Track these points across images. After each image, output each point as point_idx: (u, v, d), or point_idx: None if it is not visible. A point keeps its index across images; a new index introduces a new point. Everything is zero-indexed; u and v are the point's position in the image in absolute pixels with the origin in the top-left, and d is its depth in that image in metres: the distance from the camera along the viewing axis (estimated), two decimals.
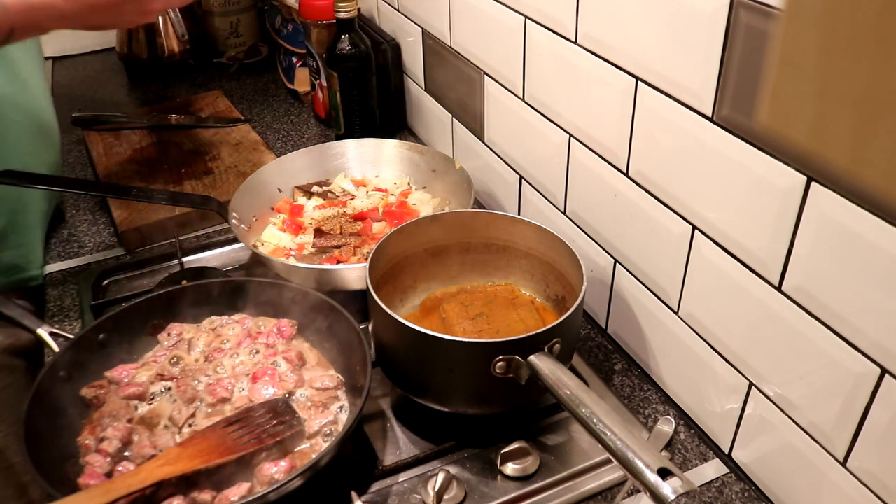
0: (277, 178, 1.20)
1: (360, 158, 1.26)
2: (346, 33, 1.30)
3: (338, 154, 1.25)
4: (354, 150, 1.26)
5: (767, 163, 0.67)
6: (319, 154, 1.25)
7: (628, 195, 0.88)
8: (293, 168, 1.22)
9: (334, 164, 1.25)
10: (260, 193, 1.16)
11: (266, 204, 1.17)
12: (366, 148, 1.26)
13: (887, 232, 0.58)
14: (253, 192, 1.15)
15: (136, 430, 0.80)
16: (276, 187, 1.19)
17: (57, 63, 1.96)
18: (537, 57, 0.98)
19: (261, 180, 1.17)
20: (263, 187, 1.17)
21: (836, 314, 0.64)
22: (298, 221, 1.14)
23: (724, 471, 0.83)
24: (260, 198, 1.16)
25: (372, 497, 0.80)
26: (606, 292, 0.98)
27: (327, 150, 1.25)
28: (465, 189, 1.11)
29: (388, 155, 1.25)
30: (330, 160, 1.25)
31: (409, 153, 1.24)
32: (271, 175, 1.19)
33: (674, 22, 0.73)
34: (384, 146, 1.25)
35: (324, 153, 1.25)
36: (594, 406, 0.68)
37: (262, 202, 1.16)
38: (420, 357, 0.81)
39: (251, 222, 1.12)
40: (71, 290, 1.12)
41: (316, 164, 1.24)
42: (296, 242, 1.10)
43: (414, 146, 1.24)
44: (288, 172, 1.21)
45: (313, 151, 1.25)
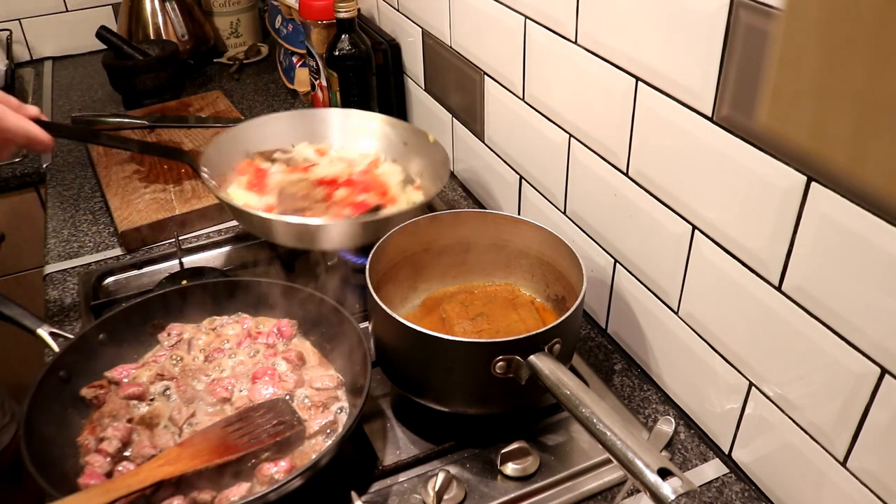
0: (249, 140, 1.19)
1: (339, 128, 1.24)
2: (346, 33, 1.30)
3: (314, 121, 1.24)
4: (339, 120, 1.24)
5: (767, 163, 0.67)
6: (297, 120, 1.23)
7: (628, 195, 0.88)
8: (266, 132, 1.20)
9: (307, 132, 1.23)
10: (230, 153, 1.15)
11: (236, 163, 1.16)
12: (346, 118, 1.24)
13: (887, 232, 0.58)
14: (224, 151, 1.14)
15: (136, 430, 0.79)
16: (247, 149, 1.18)
17: (57, 63, 1.97)
18: (537, 57, 0.98)
19: (232, 139, 1.17)
20: (234, 147, 1.16)
21: (836, 314, 0.64)
22: (263, 183, 1.13)
23: (724, 471, 0.83)
24: (230, 157, 1.15)
25: (372, 497, 0.80)
26: (606, 292, 0.98)
27: (302, 118, 1.24)
28: (441, 163, 1.09)
29: (363, 126, 1.23)
30: (304, 127, 1.23)
31: (383, 127, 1.22)
32: (243, 136, 1.18)
33: (674, 22, 0.73)
34: (360, 118, 1.24)
35: (301, 119, 1.23)
36: (594, 406, 0.68)
37: (231, 161, 1.15)
38: (420, 357, 0.81)
39: (221, 179, 1.11)
40: (71, 290, 1.12)
41: (290, 130, 1.22)
42: (263, 202, 1.09)
43: (388, 119, 1.22)
44: (260, 136, 1.20)
45: (293, 117, 1.23)
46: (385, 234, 0.92)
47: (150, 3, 1.81)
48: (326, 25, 1.39)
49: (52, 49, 1.99)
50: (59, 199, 1.35)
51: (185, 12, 1.83)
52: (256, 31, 1.99)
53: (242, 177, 1.15)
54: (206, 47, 1.88)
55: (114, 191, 1.29)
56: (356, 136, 1.23)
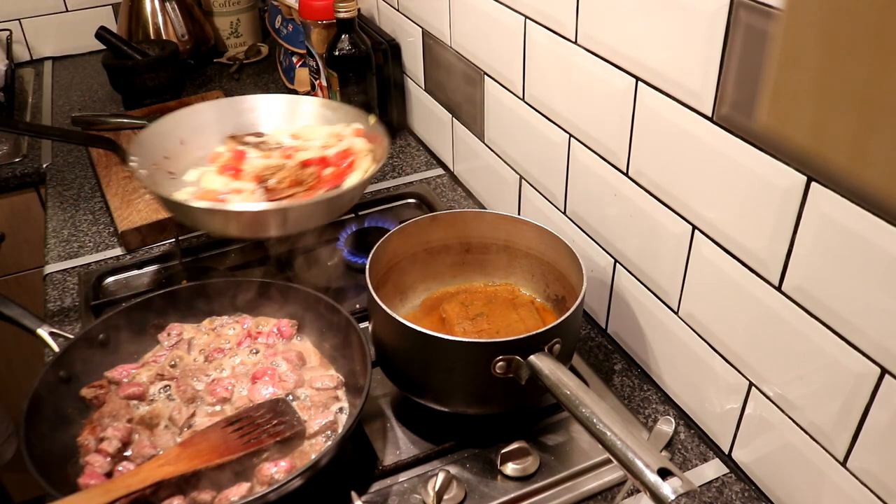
0: (182, 128, 1.16)
1: (273, 114, 1.21)
2: (346, 33, 1.30)
3: (248, 109, 1.21)
4: (266, 106, 1.21)
5: (767, 163, 0.67)
6: (229, 108, 1.20)
7: (628, 195, 0.88)
8: (200, 120, 1.18)
9: (244, 119, 1.20)
10: (162, 142, 1.12)
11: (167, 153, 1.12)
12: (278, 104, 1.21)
13: (887, 232, 0.58)
14: (154, 141, 1.11)
15: (136, 430, 0.80)
16: (179, 138, 1.15)
17: (57, 63, 1.97)
18: (537, 57, 0.98)
19: (164, 129, 1.14)
20: (165, 137, 1.13)
21: (836, 314, 0.64)
22: (239, 167, 1.10)
23: (724, 471, 0.83)
24: (161, 147, 1.12)
25: (372, 497, 0.80)
26: (606, 292, 0.98)
27: (237, 105, 1.21)
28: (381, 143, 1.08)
29: (302, 112, 1.20)
30: (240, 115, 1.20)
31: (322, 110, 1.19)
32: (175, 125, 1.15)
33: (674, 22, 0.73)
34: (297, 102, 1.21)
35: (234, 108, 1.21)
36: (594, 406, 0.68)
37: (162, 151, 1.12)
38: (420, 357, 0.81)
39: (151, 169, 1.08)
40: (71, 290, 1.12)
41: (225, 118, 1.19)
42: (230, 188, 1.05)
43: (327, 103, 1.20)
44: (193, 124, 1.17)
45: (222, 105, 1.21)
46: (388, 230, 0.92)
47: (150, 3, 1.81)
48: (326, 25, 1.39)
49: (52, 49, 1.99)
50: (59, 199, 1.35)
51: (185, 12, 1.83)
52: (256, 31, 1.99)
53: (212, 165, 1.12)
54: (206, 47, 1.88)
55: (114, 191, 1.29)
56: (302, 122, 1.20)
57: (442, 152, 1.40)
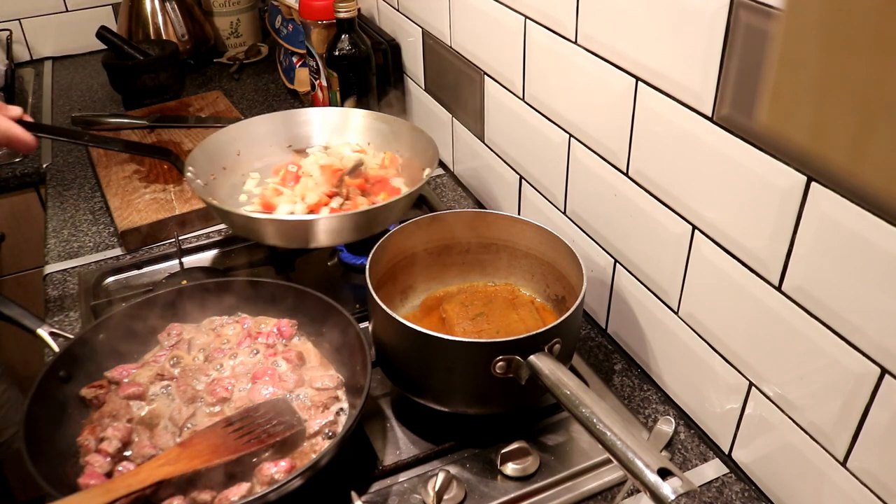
0: (239, 141, 1.20)
1: (325, 126, 1.25)
2: (346, 33, 1.30)
3: (303, 122, 1.25)
4: (320, 119, 1.25)
5: (767, 163, 0.67)
6: (283, 121, 1.24)
7: (628, 195, 0.88)
8: (256, 132, 1.21)
9: (298, 132, 1.24)
10: (219, 154, 1.16)
11: (223, 164, 1.17)
12: (331, 116, 1.25)
13: (887, 232, 0.58)
14: (212, 152, 1.15)
15: (136, 430, 0.79)
16: (236, 150, 1.19)
17: (57, 63, 1.97)
18: (537, 57, 0.98)
19: (222, 141, 1.17)
20: (224, 148, 1.17)
21: (836, 314, 0.64)
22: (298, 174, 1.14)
23: (724, 471, 0.83)
24: (218, 158, 1.16)
25: (372, 497, 0.80)
26: (606, 292, 0.98)
27: (292, 118, 1.25)
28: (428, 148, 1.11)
29: (354, 124, 1.24)
30: (294, 127, 1.24)
31: (372, 122, 1.23)
32: (233, 137, 1.19)
33: (674, 22, 0.73)
34: (350, 115, 1.25)
35: (288, 120, 1.24)
36: (594, 406, 0.68)
37: (220, 162, 1.16)
38: (420, 357, 0.81)
39: (207, 180, 1.12)
40: (71, 290, 1.12)
41: (280, 129, 1.23)
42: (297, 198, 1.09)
43: (380, 116, 1.23)
44: (250, 136, 1.21)
45: (276, 118, 1.24)
46: (388, 230, 0.92)
47: (150, 3, 1.81)
48: (326, 25, 1.39)
49: (52, 49, 1.99)
50: (59, 199, 1.35)
51: (185, 12, 1.83)
52: (256, 31, 1.99)
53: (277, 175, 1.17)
54: (206, 47, 1.88)
55: (114, 191, 1.29)
56: (353, 134, 1.23)
57: (442, 152, 1.40)
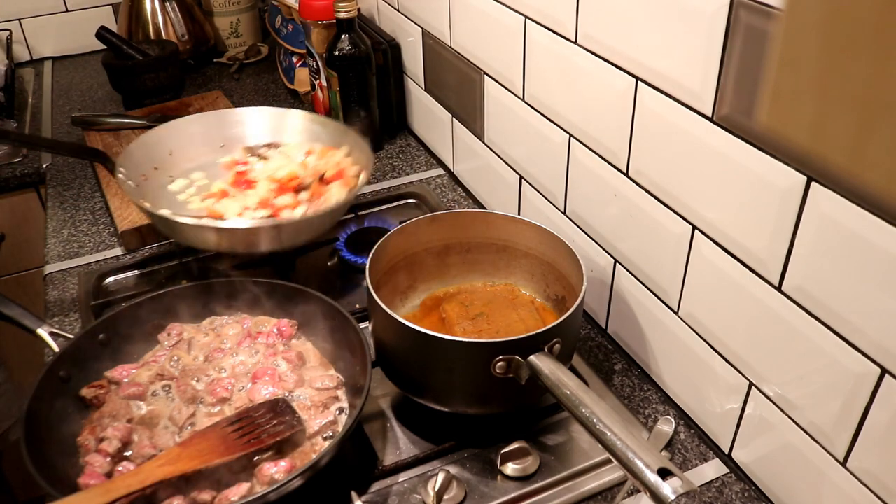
0: (171, 140, 1.17)
1: (260, 126, 1.22)
2: (346, 33, 1.30)
3: (235, 122, 1.23)
4: (254, 119, 1.22)
5: (767, 163, 0.67)
6: (217, 121, 1.22)
7: (628, 195, 0.88)
8: (188, 132, 1.19)
9: (233, 132, 1.22)
10: (150, 154, 1.14)
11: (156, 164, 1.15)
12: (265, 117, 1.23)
13: (887, 232, 0.58)
14: (143, 152, 1.13)
15: (136, 430, 0.79)
16: (169, 150, 1.17)
17: (57, 63, 1.97)
18: (537, 57, 0.98)
19: (153, 141, 1.16)
20: (155, 148, 1.15)
21: (836, 314, 0.64)
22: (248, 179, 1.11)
23: (724, 471, 0.83)
24: (149, 158, 1.14)
25: (372, 497, 0.80)
26: (606, 292, 0.98)
27: (224, 118, 1.23)
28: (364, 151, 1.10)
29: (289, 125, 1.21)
30: (228, 127, 1.22)
31: (309, 124, 1.20)
32: (165, 137, 1.17)
33: (674, 22, 0.73)
34: (284, 116, 1.22)
35: (221, 120, 1.22)
36: (594, 406, 0.68)
37: (151, 163, 1.14)
38: (420, 357, 0.81)
39: (139, 180, 1.10)
40: (71, 290, 1.12)
41: (213, 130, 1.21)
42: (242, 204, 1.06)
43: (315, 117, 1.21)
44: (183, 136, 1.18)
45: (209, 117, 1.22)
46: (388, 230, 0.92)
47: (150, 3, 1.81)
48: (326, 25, 1.39)
49: (52, 49, 1.99)
50: (59, 199, 1.35)
51: (185, 12, 1.83)
52: (256, 31, 1.99)
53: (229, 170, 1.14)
54: (206, 47, 1.88)
55: (114, 191, 1.29)
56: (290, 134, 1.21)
57: (442, 152, 1.40)
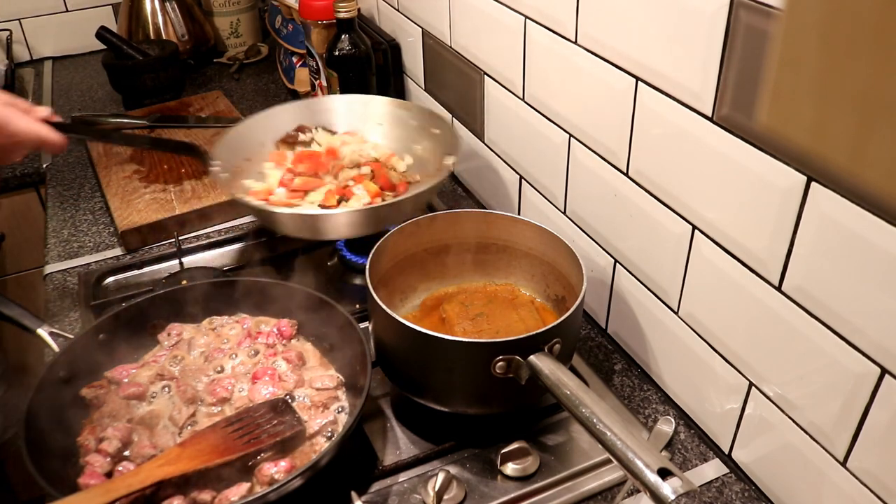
0: (262, 131, 1.19)
1: (348, 114, 1.23)
2: (346, 33, 1.30)
3: (325, 109, 1.23)
4: (344, 106, 1.23)
5: (767, 163, 0.67)
6: (306, 109, 1.23)
7: (628, 195, 0.88)
8: (278, 122, 1.20)
9: (320, 119, 1.22)
10: (243, 145, 1.15)
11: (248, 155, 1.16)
12: (353, 103, 1.24)
13: (887, 232, 0.58)
14: (236, 144, 1.14)
15: (136, 430, 0.79)
16: (260, 141, 1.18)
17: (57, 63, 1.97)
18: (537, 57, 0.98)
19: (245, 133, 1.17)
20: (247, 140, 1.16)
21: (836, 314, 0.64)
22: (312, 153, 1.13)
23: (724, 471, 0.83)
24: (242, 150, 1.15)
25: (372, 497, 0.80)
26: (606, 292, 0.98)
27: (314, 106, 1.24)
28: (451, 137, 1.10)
29: (374, 111, 1.22)
30: (317, 115, 1.23)
31: (393, 109, 1.21)
32: (256, 128, 1.18)
33: (674, 22, 0.73)
34: (369, 102, 1.23)
35: (310, 108, 1.23)
36: (594, 406, 0.68)
37: (243, 154, 1.15)
38: (420, 357, 0.81)
39: (232, 171, 1.11)
40: (71, 290, 1.12)
41: (302, 118, 1.22)
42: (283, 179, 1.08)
43: (402, 103, 1.21)
44: (273, 126, 1.20)
45: (299, 106, 1.23)
46: (387, 230, 0.92)
47: (150, 3, 1.81)
48: (326, 25, 1.39)
49: (52, 49, 1.99)
50: (59, 199, 1.35)
51: (185, 12, 1.83)
52: (256, 31, 1.99)
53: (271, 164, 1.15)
54: (206, 47, 1.88)
55: (114, 191, 1.29)
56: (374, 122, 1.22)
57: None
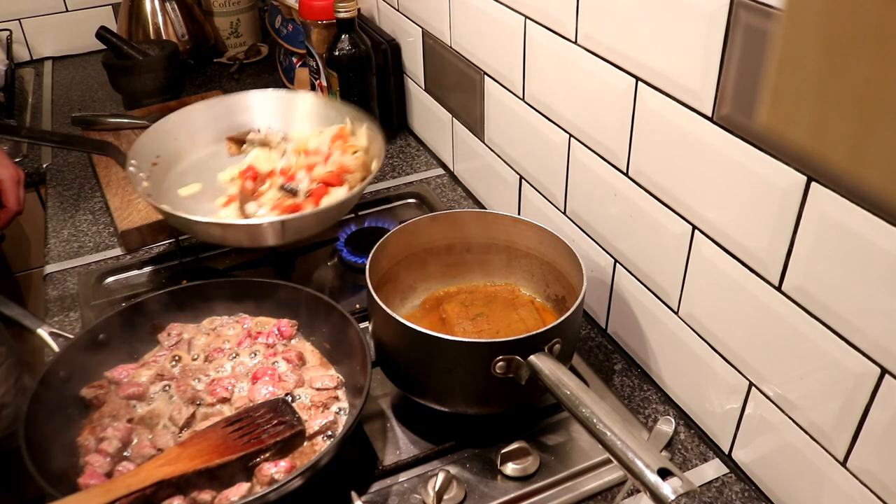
0: (181, 129, 1.16)
1: (268, 112, 1.20)
2: (346, 33, 1.30)
3: (243, 107, 1.20)
4: (261, 104, 1.20)
5: (767, 163, 0.67)
6: (223, 107, 1.20)
7: (628, 195, 0.88)
8: (198, 120, 1.17)
9: (242, 118, 1.20)
10: (161, 144, 1.13)
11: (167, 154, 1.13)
12: (273, 101, 1.21)
13: (887, 232, 0.58)
14: (154, 143, 1.12)
15: (136, 430, 0.80)
16: (178, 141, 1.16)
17: (57, 63, 1.97)
18: (537, 57, 0.98)
19: (163, 131, 1.14)
20: (165, 138, 1.14)
21: (836, 314, 0.64)
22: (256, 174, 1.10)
23: (724, 471, 0.83)
24: (160, 149, 1.13)
25: (372, 497, 0.80)
26: (606, 292, 0.98)
27: (232, 103, 1.20)
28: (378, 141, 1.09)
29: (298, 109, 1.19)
30: (238, 114, 1.20)
31: (318, 108, 1.18)
32: (174, 126, 1.16)
33: (674, 22, 0.73)
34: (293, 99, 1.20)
35: (228, 106, 1.20)
36: (594, 406, 0.68)
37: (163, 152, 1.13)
38: (420, 357, 0.81)
39: (150, 172, 1.09)
40: (71, 290, 1.12)
41: (222, 116, 1.19)
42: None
43: (327, 101, 1.19)
44: (192, 125, 1.17)
45: (216, 104, 1.20)
46: (388, 230, 0.92)
47: (150, 3, 1.81)
48: (326, 25, 1.39)
49: (52, 49, 1.99)
50: (59, 199, 1.35)
51: (185, 12, 1.83)
52: (256, 31, 1.99)
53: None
54: (206, 47, 1.88)
55: (114, 191, 1.29)
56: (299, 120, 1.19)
57: (442, 152, 1.40)
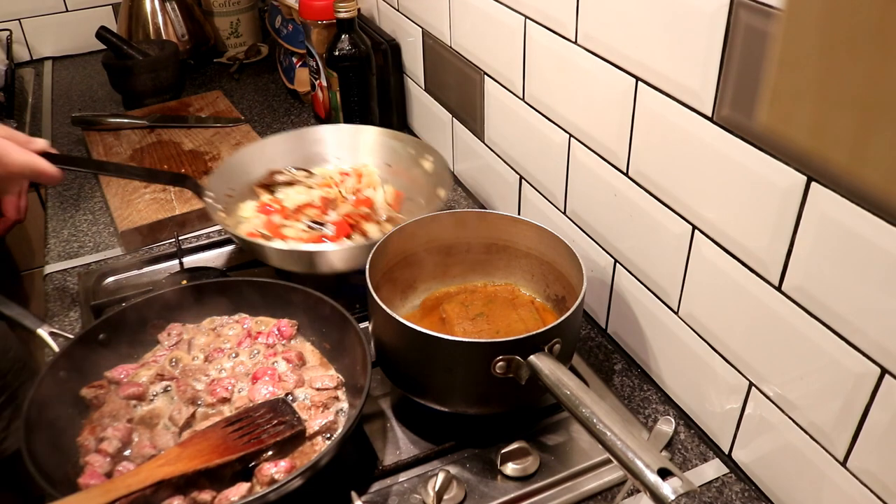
0: (256, 160, 1.19)
1: (339, 144, 1.25)
2: (346, 33, 1.30)
3: (315, 140, 1.25)
4: (333, 136, 1.25)
5: (767, 163, 0.67)
6: (297, 140, 1.24)
7: (628, 195, 0.88)
8: (273, 152, 1.21)
9: (313, 151, 1.24)
10: (237, 175, 1.16)
11: (242, 185, 1.16)
12: (343, 134, 1.25)
13: (887, 232, 0.58)
14: (230, 174, 1.15)
15: (136, 430, 0.80)
16: (250, 170, 1.19)
17: (57, 63, 1.97)
18: (537, 57, 0.98)
19: (239, 162, 1.17)
20: (241, 169, 1.17)
21: (836, 314, 0.64)
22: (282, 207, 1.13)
23: (724, 471, 0.83)
24: (236, 180, 1.16)
25: (372, 497, 0.80)
26: (606, 292, 0.98)
27: (304, 136, 1.25)
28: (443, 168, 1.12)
29: (363, 141, 1.24)
30: (309, 146, 1.24)
31: (383, 138, 1.22)
32: (250, 158, 1.19)
33: (674, 22, 0.73)
34: (359, 132, 1.25)
35: (301, 139, 1.24)
36: (594, 406, 0.68)
37: (238, 184, 1.16)
38: (420, 357, 0.81)
39: (226, 202, 1.11)
40: (71, 290, 1.12)
41: (295, 148, 1.23)
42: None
43: (394, 133, 1.22)
44: (267, 156, 1.20)
45: (290, 137, 1.24)
46: None
47: (150, 3, 1.81)
48: (326, 25, 1.39)
49: (52, 49, 1.99)
50: (59, 199, 1.35)
51: (185, 12, 1.83)
52: (256, 31, 1.99)
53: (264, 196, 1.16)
54: (206, 47, 1.89)
55: (114, 191, 1.29)
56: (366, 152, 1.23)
57: (442, 152, 1.40)
